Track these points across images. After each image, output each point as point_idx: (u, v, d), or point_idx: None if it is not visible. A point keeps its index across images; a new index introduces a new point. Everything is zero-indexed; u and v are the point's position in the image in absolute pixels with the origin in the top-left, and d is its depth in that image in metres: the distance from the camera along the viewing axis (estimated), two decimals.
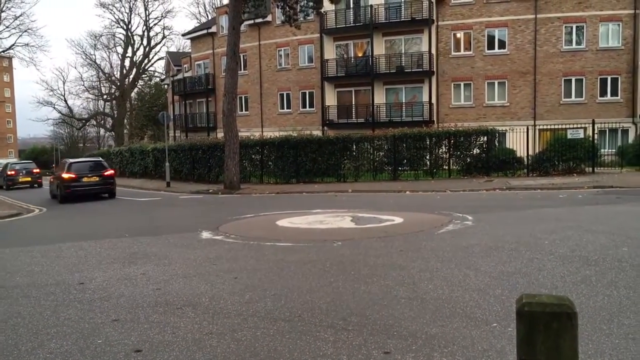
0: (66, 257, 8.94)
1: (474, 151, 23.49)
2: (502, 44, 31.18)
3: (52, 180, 24.30)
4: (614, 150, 25.80)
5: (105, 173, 22.30)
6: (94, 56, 74.48)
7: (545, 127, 26.28)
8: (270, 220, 12.57)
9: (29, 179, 35.09)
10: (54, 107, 73.31)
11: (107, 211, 17.41)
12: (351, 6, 33.96)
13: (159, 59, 71.28)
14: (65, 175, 21.32)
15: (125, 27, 67.14)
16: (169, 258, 8.40)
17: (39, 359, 4.37)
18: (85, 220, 15.22)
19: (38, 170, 36.79)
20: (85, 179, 21.42)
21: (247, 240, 9.81)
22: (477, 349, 4.18)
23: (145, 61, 69.25)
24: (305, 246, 8.94)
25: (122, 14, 77.54)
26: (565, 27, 30.15)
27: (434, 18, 31.66)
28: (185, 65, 46.86)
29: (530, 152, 23.26)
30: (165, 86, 56.55)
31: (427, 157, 24.02)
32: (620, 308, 5.05)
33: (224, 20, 38.40)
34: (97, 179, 21.85)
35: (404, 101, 33.10)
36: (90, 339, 4.78)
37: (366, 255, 7.91)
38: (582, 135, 22.34)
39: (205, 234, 10.77)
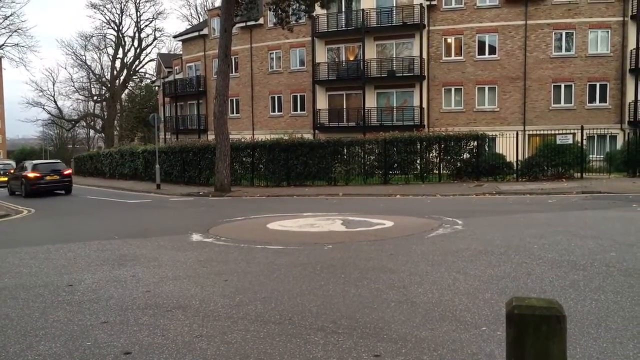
0: (55, 258, 8.88)
1: (464, 156, 23.62)
2: (492, 50, 31.40)
3: (11, 179, 27.88)
4: (602, 156, 26.02)
5: (64, 172, 26.16)
6: (84, 57, 73.92)
7: (534, 132, 26.50)
8: (261, 223, 12.56)
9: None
10: (44, 108, 72.79)
11: (97, 213, 17.32)
12: (343, 10, 34.07)
13: (149, 61, 71.04)
14: (31, 175, 24.95)
15: (116, 28, 66.86)
16: (158, 260, 8.37)
17: None
18: (75, 221, 15.13)
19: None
20: (48, 177, 25.18)
21: (237, 243, 9.79)
22: (466, 353, 4.21)
23: (136, 62, 68.99)
24: (295, 249, 8.94)
25: (113, 15, 77.05)
26: (555, 33, 30.42)
27: (425, 23, 31.83)
28: (177, 67, 46.75)
29: (520, 157, 23.41)
30: (156, 88, 56.36)
31: (418, 161, 24.11)
32: (607, 312, 5.10)
33: (215, 23, 38.37)
34: (58, 177, 25.58)
35: (395, 105, 33.22)
36: (79, 341, 4.75)
37: (356, 259, 7.92)
38: (571, 141, 22.54)
39: (196, 237, 10.74)
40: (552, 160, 22.33)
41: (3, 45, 54.93)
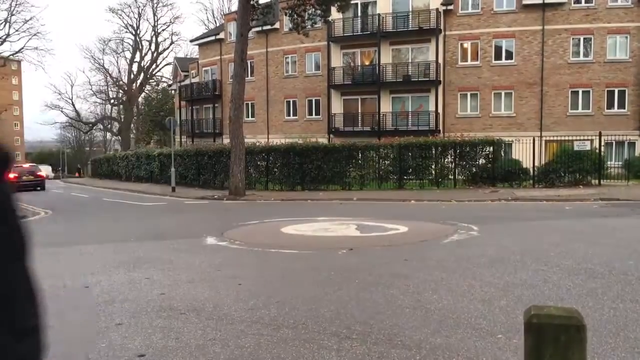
0: (71, 260, 8.96)
1: (480, 161, 23.44)
2: (509, 55, 31.19)
3: None
4: (620, 163, 25.69)
5: (37, 174, 33.89)
6: (102, 61, 75.13)
7: (551, 138, 26.25)
8: (275, 227, 12.57)
9: None
10: (62, 111, 73.75)
11: (113, 215, 17.46)
12: (359, 15, 34.07)
13: (166, 65, 71.57)
14: (10, 176, 31.68)
15: (133, 32, 67.55)
16: (173, 263, 8.40)
17: None
18: (91, 223, 15.26)
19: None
20: (24, 178, 31.75)
21: (251, 247, 9.80)
22: None
23: (153, 66, 69.61)
24: (310, 254, 8.93)
25: (131, 19, 77.87)
26: (573, 39, 30.14)
27: (442, 28, 31.71)
28: (193, 71, 47.06)
29: (537, 164, 23.18)
30: (173, 92, 56.78)
31: (433, 167, 23.98)
32: (626, 321, 5.02)
33: (232, 27, 38.58)
34: (32, 177, 32.90)
35: (410, 110, 33.11)
36: (94, 343, 4.78)
37: (371, 264, 7.89)
38: (588, 147, 22.27)
39: (210, 240, 10.78)
40: (569, 167, 22.08)
41: (23, 48, 55.71)
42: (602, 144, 22.65)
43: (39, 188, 32.77)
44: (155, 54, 68.52)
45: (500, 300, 5.81)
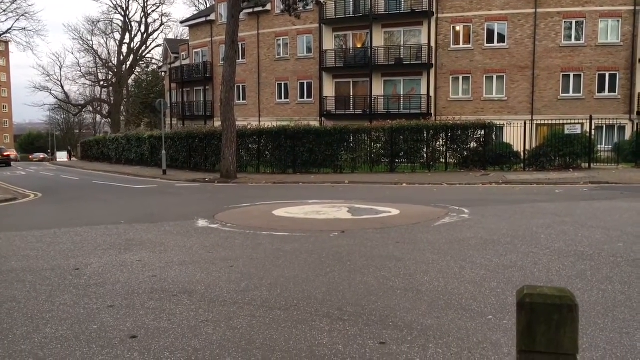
0: (62, 242, 8.92)
1: (471, 145, 23.51)
2: (501, 38, 31.14)
3: None
4: (610, 147, 25.86)
5: (4, 154, 45.76)
6: (91, 42, 74.15)
7: (542, 122, 26.34)
8: (267, 210, 12.56)
9: None
10: (51, 93, 73.25)
11: (103, 198, 17.38)
12: None
13: (156, 46, 71.04)
14: None
15: (123, 13, 66.69)
16: (164, 245, 8.39)
17: (34, 344, 4.36)
18: (81, 206, 15.18)
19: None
20: None
21: (243, 229, 9.80)
22: (472, 341, 4.20)
23: (143, 48, 68.86)
24: (301, 236, 8.94)
25: None
26: (565, 22, 30.11)
27: (434, 10, 31.57)
28: (183, 53, 46.63)
29: (527, 147, 23.29)
30: (163, 74, 56.31)
31: (425, 150, 24.03)
32: (614, 303, 5.07)
33: (223, 8, 38.21)
34: (1, 157, 44.79)
35: (402, 93, 33.07)
36: (86, 325, 4.77)
37: (362, 246, 7.92)
38: (579, 131, 22.38)
39: (202, 222, 10.76)
40: (559, 150, 22.20)
41: (10, 29, 54.75)
42: (593, 127, 22.76)
43: (4, 165, 43.85)
44: (145, 36, 67.81)
45: (490, 281, 5.85)
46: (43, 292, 5.86)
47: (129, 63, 67.97)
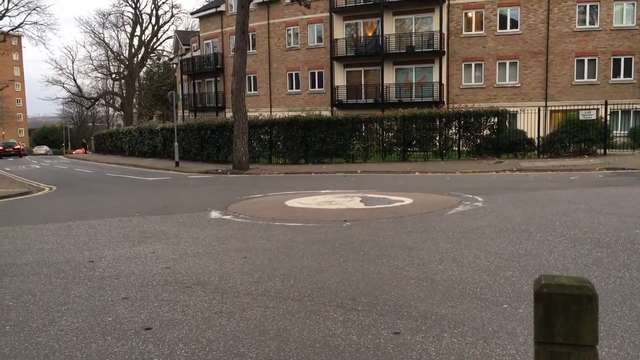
0: (76, 235, 8.98)
1: (484, 132, 23.32)
2: (514, 24, 30.77)
3: None
4: (626, 132, 25.52)
5: (15, 147, 55.58)
6: (102, 35, 74.36)
7: (556, 108, 26.01)
8: (279, 201, 12.56)
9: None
10: (63, 86, 73.46)
11: (117, 190, 17.48)
12: None
13: (167, 38, 71.05)
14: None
15: (133, 6, 66.78)
16: (178, 237, 8.41)
17: (49, 336, 4.39)
18: (95, 199, 15.28)
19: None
20: (7, 149, 53.58)
21: (256, 220, 9.80)
22: (487, 330, 4.16)
23: (154, 40, 68.99)
24: (314, 226, 8.93)
25: None
26: (579, 6, 29.67)
27: None
28: (194, 45, 46.65)
29: (542, 134, 23.05)
30: (174, 65, 56.39)
31: (437, 138, 23.89)
32: (632, 290, 5.00)
33: None
34: (12, 149, 54.23)
35: (413, 81, 32.85)
36: (101, 317, 4.80)
37: (375, 236, 7.88)
38: (594, 117, 22.10)
39: (215, 214, 10.78)
40: (574, 137, 21.94)
41: (22, 23, 54.99)
42: (608, 113, 22.45)
43: (18, 156, 53.22)
44: (155, 28, 67.88)
45: (505, 270, 5.80)
46: (58, 285, 5.90)
47: (140, 55, 68.15)
